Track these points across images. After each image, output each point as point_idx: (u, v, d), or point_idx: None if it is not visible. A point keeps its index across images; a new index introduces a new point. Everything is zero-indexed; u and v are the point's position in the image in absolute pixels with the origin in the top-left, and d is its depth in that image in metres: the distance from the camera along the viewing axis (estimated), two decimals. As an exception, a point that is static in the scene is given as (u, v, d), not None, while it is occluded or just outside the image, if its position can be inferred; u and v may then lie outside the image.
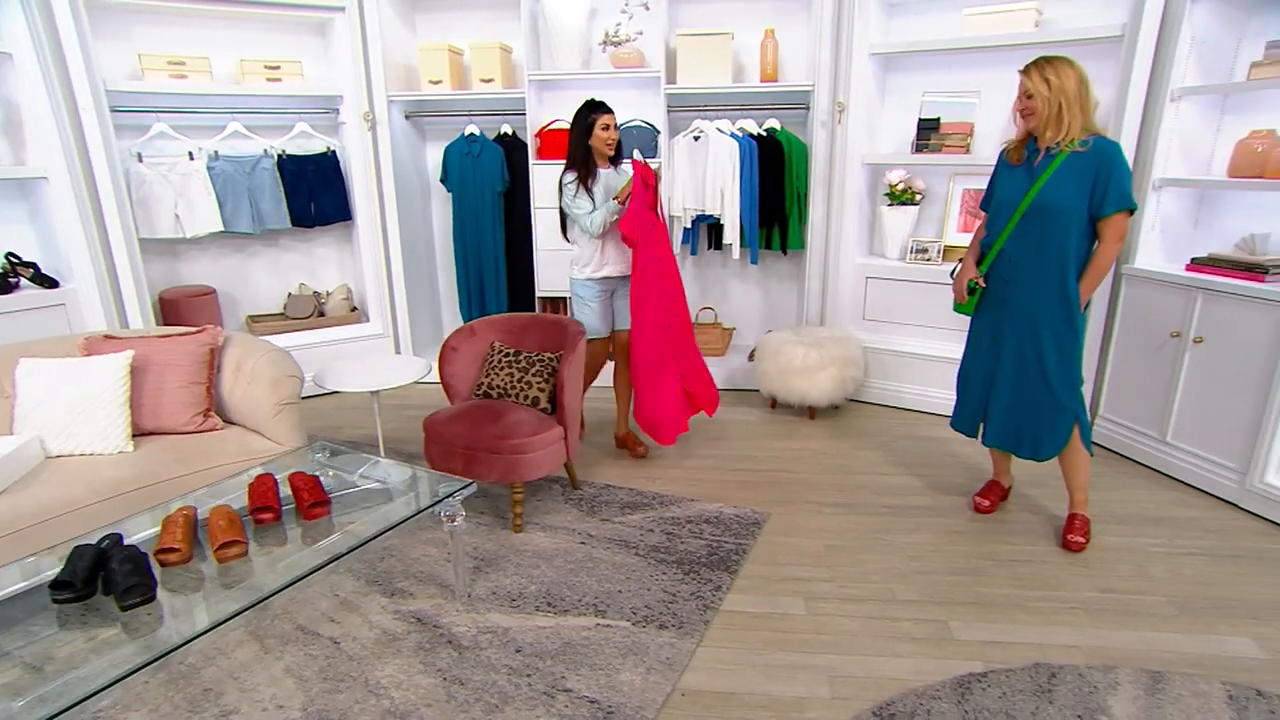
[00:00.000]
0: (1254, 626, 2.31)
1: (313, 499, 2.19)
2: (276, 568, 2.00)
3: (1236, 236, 3.13)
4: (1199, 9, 3.07)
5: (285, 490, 2.32)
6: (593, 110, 3.24)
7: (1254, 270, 2.94)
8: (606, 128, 3.24)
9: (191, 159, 4.07)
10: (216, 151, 4.18)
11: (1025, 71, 2.51)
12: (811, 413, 4.07)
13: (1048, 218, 2.53)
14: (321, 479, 2.46)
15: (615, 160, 3.36)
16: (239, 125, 4.19)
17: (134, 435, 2.72)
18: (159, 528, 2.02)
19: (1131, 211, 2.50)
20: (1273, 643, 2.23)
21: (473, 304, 4.80)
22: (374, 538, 2.10)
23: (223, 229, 4.25)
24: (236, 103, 4.18)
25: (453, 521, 2.39)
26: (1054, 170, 2.50)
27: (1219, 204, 3.37)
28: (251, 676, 2.15)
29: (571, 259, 3.46)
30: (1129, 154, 3.31)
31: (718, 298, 4.84)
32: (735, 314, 4.87)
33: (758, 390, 4.19)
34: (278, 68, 4.17)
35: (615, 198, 3.22)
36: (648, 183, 3.21)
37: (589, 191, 3.23)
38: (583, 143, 3.23)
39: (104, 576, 1.78)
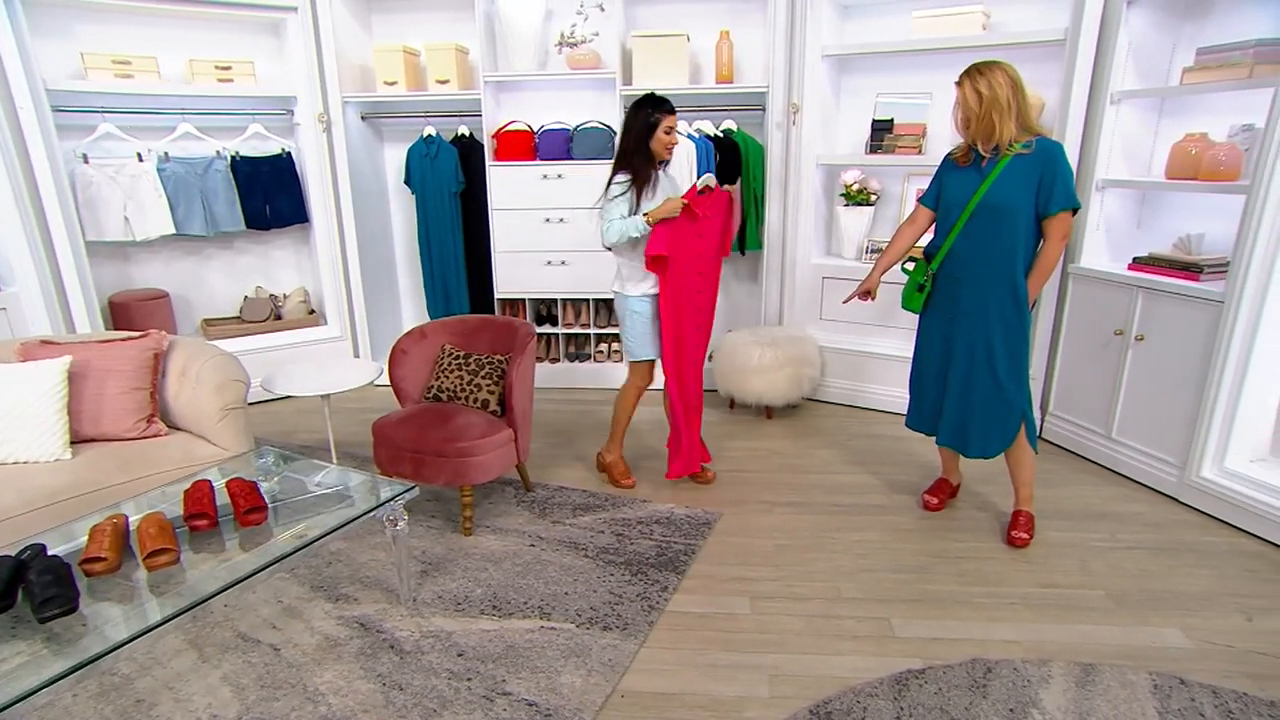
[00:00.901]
0: (1183, 617, 2.36)
1: (249, 505, 2.16)
2: (207, 576, 1.97)
3: (1176, 236, 3.20)
4: (1135, 15, 3.14)
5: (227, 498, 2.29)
6: (655, 108, 2.86)
7: (1190, 269, 3.01)
8: (670, 130, 2.88)
9: (141, 160, 4.00)
10: (167, 153, 4.11)
11: (959, 83, 2.56)
12: (769, 412, 4.10)
13: (996, 217, 2.57)
14: (262, 485, 2.44)
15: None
16: (190, 126, 4.13)
17: (73, 442, 2.67)
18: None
19: (1075, 210, 2.54)
20: (1198, 632, 2.29)
21: (438, 305, 4.78)
22: (309, 544, 2.08)
23: (175, 231, 4.18)
24: (187, 103, 4.12)
25: (395, 525, 2.37)
26: (1001, 170, 2.54)
27: (1159, 204, 3.44)
28: (187, 686, 2.12)
29: (618, 273, 3.10)
30: (1073, 155, 3.37)
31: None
32: (696, 315, 4.88)
33: (716, 390, 4.20)
34: (229, 68, 4.12)
35: (647, 216, 2.86)
36: (698, 215, 2.90)
37: (639, 198, 2.90)
38: (642, 144, 2.88)
39: (24, 588, 1.74)
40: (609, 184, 2.95)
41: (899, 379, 3.88)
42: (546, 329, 4.67)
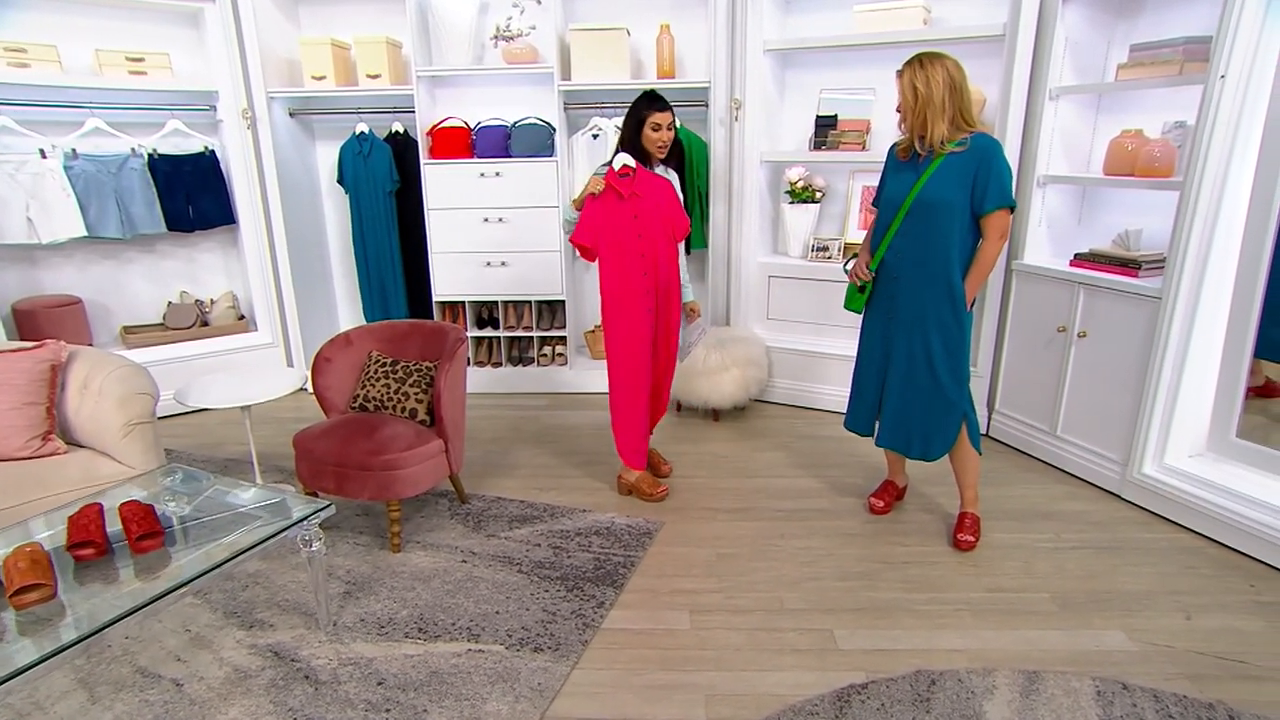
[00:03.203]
0: (1126, 618, 2.33)
1: (142, 530, 1.98)
2: (96, 610, 1.79)
3: (1116, 232, 3.20)
4: (1070, 11, 3.12)
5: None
6: (646, 105, 2.91)
7: (1128, 265, 3.00)
8: (658, 127, 2.91)
9: (44, 157, 3.74)
10: (74, 150, 3.86)
11: (900, 73, 2.49)
12: (716, 415, 4.01)
13: (931, 214, 2.51)
14: (168, 506, 2.27)
15: (667, 160, 3.08)
16: (100, 122, 3.88)
17: (-44, 464, 2.45)
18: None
19: (1011, 209, 2.50)
20: (1140, 633, 2.26)
21: (375, 308, 4.60)
22: (206, 573, 1.91)
23: (87, 234, 3.93)
24: (95, 97, 3.86)
25: (310, 547, 2.22)
26: (936, 167, 2.49)
27: (1100, 200, 3.44)
28: (72, 731, 1.94)
29: None
30: (1015, 151, 3.35)
31: (625, 299, 4.74)
32: (644, 316, 4.77)
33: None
34: (141, 60, 3.88)
35: (573, 201, 2.97)
36: (621, 193, 2.87)
37: None
38: (633, 140, 2.93)
39: None
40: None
41: (846, 379, 3.82)
42: (488, 332, 4.52)
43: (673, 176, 3.13)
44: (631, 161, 2.87)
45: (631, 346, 2.98)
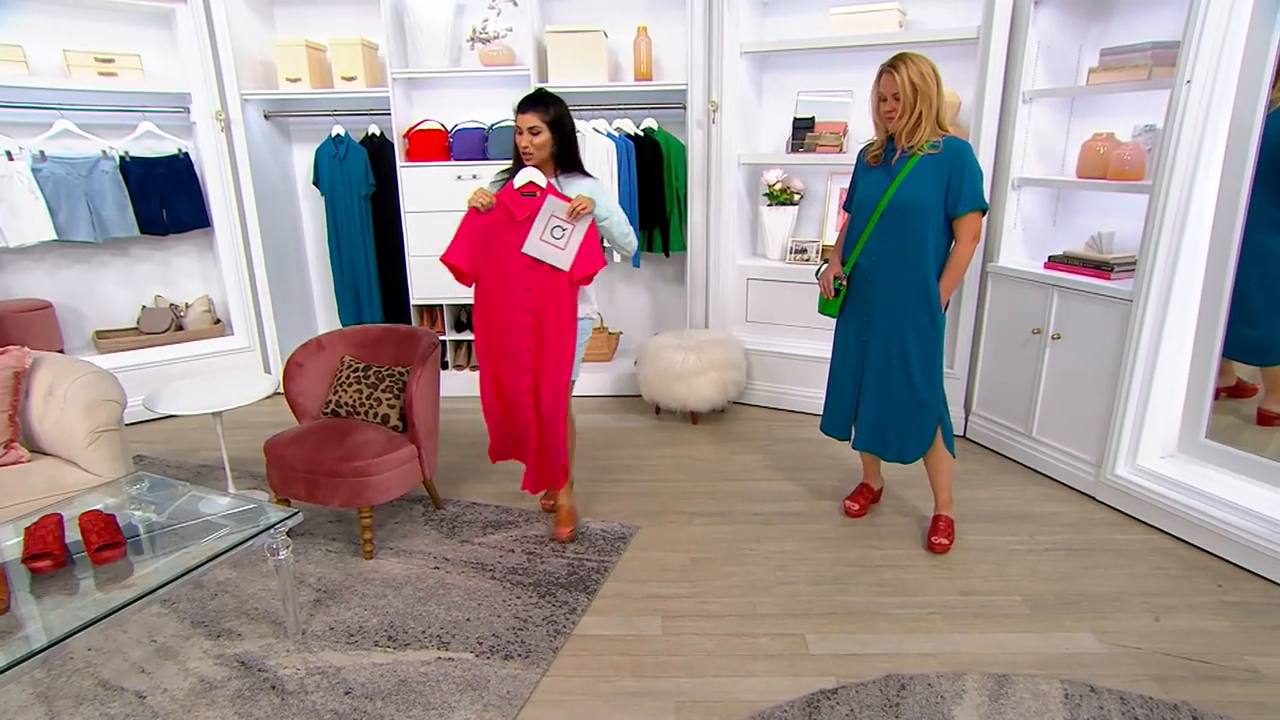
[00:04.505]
0: (1096, 620, 2.34)
1: (102, 541, 1.95)
2: (54, 623, 1.76)
3: (1089, 234, 3.22)
4: (1042, 15, 3.14)
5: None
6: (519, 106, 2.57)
7: (1101, 268, 3.01)
8: (520, 131, 2.52)
9: (11, 159, 3.69)
10: (43, 152, 3.81)
11: (893, 67, 2.40)
12: (694, 418, 4.01)
13: (906, 216, 2.51)
14: (134, 515, 2.24)
15: (568, 169, 2.62)
16: (69, 124, 3.83)
17: (-85, 473, 2.41)
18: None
19: (984, 211, 2.50)
20: (1110, 635, 2.27)
21: (349, 312, 4.56)
22: (166, 585, 1.89)
23: (56, 237, 3.87)
24: (64, 98, 3.81)
25: (276, 555, 2.19)
26: (910, 170, 2.49)
27: (1074, 203, 3.46)
28: (30, 746, 1.91)
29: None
30: (989, 153, 3.37)
31: (604, 301, 4.73)
32: (623, 317, 4.77)
33: (640, 396, 4.08)
34: (111, 60, 3.83)
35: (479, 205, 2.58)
36: (515, 216, 2.53)
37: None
38: (514, 143, 2.59)
39: None
40: None
41: (823, 380, 3.83)
42: (466, 335, 4.50)
43: (583, 185, 2.62)
44: (541, 180, 2.52)
45: (494, 381, 2.70)
